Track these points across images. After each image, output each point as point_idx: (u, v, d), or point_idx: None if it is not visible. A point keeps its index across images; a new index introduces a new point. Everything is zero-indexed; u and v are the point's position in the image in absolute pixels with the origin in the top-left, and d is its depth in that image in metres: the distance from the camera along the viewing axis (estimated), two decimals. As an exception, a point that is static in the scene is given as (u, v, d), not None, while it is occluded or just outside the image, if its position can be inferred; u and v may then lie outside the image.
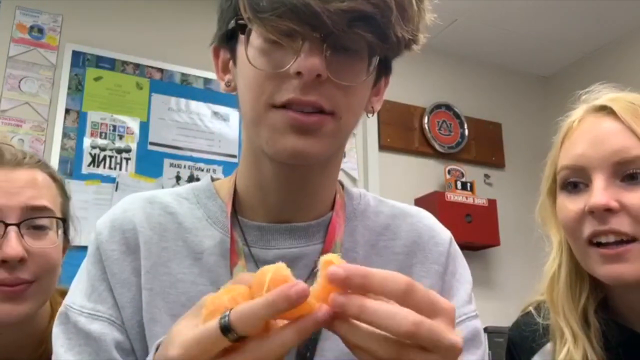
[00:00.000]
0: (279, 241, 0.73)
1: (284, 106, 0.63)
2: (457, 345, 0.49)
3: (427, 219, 0.81)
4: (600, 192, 0.81)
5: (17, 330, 0.94)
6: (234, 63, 0.71)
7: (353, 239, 0.76)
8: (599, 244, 0.83)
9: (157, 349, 0.55)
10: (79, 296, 0.71)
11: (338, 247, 0.74)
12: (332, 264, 0.49)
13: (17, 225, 0.90)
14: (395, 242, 0.77)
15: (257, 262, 0.72)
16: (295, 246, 0.73)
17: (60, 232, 0.99)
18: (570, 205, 0.86)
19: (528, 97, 3.65)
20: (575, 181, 0.86)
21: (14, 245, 0.88)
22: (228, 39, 0.71)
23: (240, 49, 0.67)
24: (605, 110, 0.87)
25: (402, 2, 0.62)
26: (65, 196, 1.03)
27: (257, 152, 0.71)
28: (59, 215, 0.99)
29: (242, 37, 0.66)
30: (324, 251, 0.73)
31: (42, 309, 0.98)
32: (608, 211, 0.81)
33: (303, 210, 0.74)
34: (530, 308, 0.97)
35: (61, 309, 0.73)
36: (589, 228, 0.83)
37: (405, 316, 0.46)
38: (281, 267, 0.50)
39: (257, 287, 0.49)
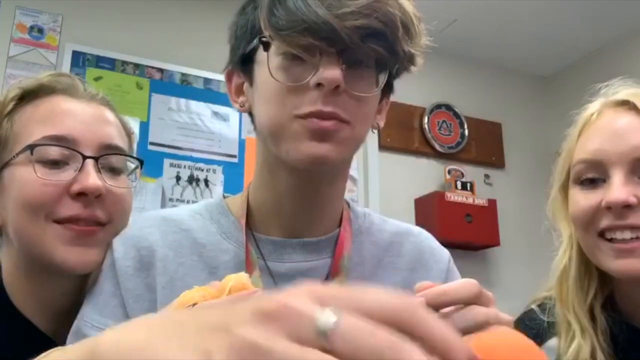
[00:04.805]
0: (292, 255, 0.77)
1: (305, 116, 0.68)
2: None
3: (428, 239, 0.87)
4: (619, 188, 0.81)
5: (72, 283, 0.82)
6: (250, 84, 0.76)
7: (360, 254, 0.81)
8: (612, 239, 0.82)
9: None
10: (91, 309, 0.74)
11: (346, 261, 0.78)
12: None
13: (96, 159, 0.80)
14: (399, 258, 0.83)
15: (272, 274, 0.76)
16: (307, 260, 0.77)
17: (134, 175, 0.88)
18: (584, 199, 0.85)
19: (528, 97, 3.65)
20: (592, 177, 0.85)
21: (94, 178, 0.78)
22: (243, 63, 0.75)
23: (259, 69, 0.72)
24: (626, 105, 0.86)
25: (406, 21, 0.68)
26: (130, 143, 0.91)
27: (273, 165, 0.75)
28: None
29: (260, 58, 0.71)
30: (333, 264, 0.78)
31: None
32: (627, 207, 0.80)
33: (314, 224, 0.79)
34: (533, 306, 0.96)
35: (76, 320, 0.75)
36: (604, 222, 0.83)
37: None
38: (242, 276, 0.57)
39: (220, 292, 0.56)
